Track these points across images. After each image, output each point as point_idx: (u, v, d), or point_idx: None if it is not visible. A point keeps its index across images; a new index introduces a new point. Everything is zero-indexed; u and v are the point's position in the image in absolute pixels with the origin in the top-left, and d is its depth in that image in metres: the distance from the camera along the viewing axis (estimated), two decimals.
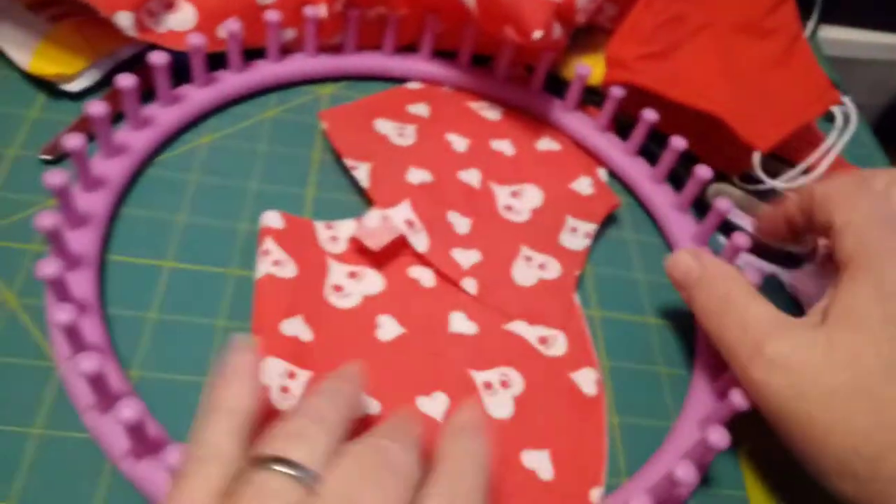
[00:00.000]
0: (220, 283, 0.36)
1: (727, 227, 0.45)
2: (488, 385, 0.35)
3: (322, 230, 0.38)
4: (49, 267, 0.28)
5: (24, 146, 0.38)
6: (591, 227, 0.41)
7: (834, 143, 0.47)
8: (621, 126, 0.48)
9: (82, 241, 0.33)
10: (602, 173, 0.46)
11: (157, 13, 0.40)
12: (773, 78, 0.47)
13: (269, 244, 0.36)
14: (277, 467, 0.22)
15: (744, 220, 0.46)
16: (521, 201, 0.42)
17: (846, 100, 0.55)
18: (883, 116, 0.85)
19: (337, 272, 0.37)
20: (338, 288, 0.36)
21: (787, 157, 0.48)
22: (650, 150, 0.48)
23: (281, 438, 0.23)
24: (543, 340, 0.37)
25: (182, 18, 0.41)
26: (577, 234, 0.41)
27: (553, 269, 0.39)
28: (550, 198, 0.42)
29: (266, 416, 0.30)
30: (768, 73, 0.47)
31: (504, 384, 0.35)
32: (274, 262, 0.35)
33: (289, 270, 0.35)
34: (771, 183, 0.44)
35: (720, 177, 0.47)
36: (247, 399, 0.25)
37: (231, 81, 0.43)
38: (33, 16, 0.41)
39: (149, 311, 0.34)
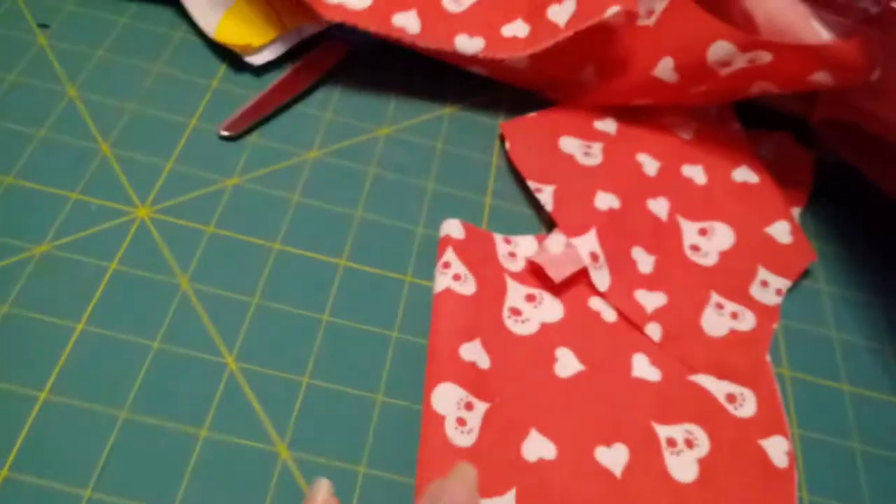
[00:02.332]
0: (398, 290, 0.33)
1: None
2: (672, 442, 0.32)
3: (501, 244, 0.36)
4: None
5: (203, 118, 0.37)
6: (783, 284, 0.37)
7: None
8: (825, 168, 0.43)
9: None
10: (794, 214, 0.42)
11: None
12: None
13: (449, 256, 0.34)
14: None
15: None
16: (709, 241, 0.38)
17: None
18: None
19: (515, 293, 0.34)
20: (515, 311, 0.34)
21: None
22: (848, 193, 0.44)
23: None
24: (732, 398, 0.33)
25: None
26: (767, 289, 0.37)
27: (747, 321, 0.36)
28: (742, 241, 0.38)
29: (441, 450, 0.28)
30: None
31: (689, 443, 0.32)
32: (454, 277, 0.33)
33: (468, 287, 0.33)
34: None
35: None
36: None
37: None
38: None
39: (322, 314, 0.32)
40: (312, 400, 0.29)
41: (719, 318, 0.35)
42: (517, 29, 0.40)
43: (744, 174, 0.41)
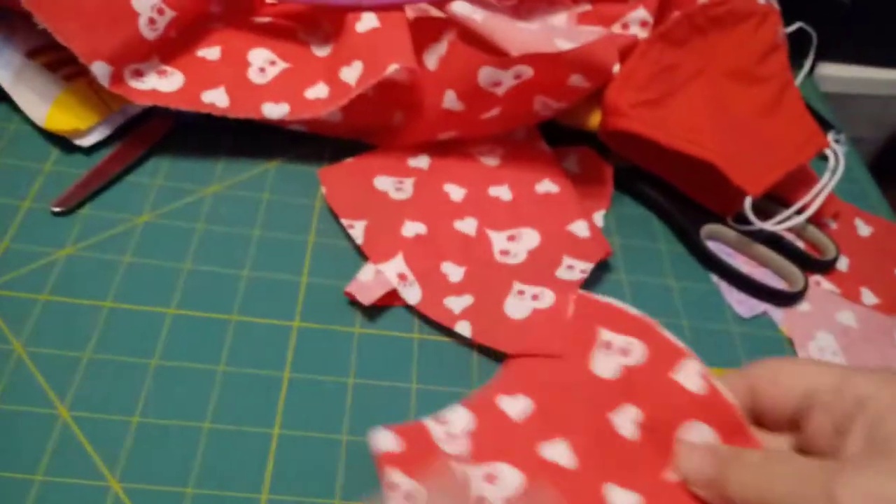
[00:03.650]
0: (224, 328, 0.37)
1: (720, 267, 0.46)
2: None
3: (436, 428, 0.33)
4: None
5: (36, 199, 0.40)
6: (586, 266, 0.42)
7: (826, 184, 0.48)
8: (618, 171, 0.49)
9: None
10: (598, 218, 0.47)
11: (144, 74, 0.42)
12: (764, 124, 0.48)
13: (394, 476, 0.30)
14: None
15: (737, 260, 0.47)
16: (517, 244, 0.43)
17: (840, 139, 0.56)
18: (883, 150, 0.85)
19: (475, 482, 0.31)
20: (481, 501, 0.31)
21: (780, 197, 0.49)
22: (644, 192, 0.49)
23: None
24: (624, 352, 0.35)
25: (168, 83, 0.43)
26: (572, 271, 0.41)
27: (547, 298, 0.40)
28: (547, 239, 0.43)
29: None
30: (759, 120, 0.48)
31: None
32: (406, 498, 0.30)
33: (422, 500, 0.30)
34: (762, 225, 0.45)
35: (715, 217, 0.48)
36: None
37: None
38: (50, 74, 0.43)
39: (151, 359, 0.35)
40: (143, 437, 0.33)
41: (521, 303, 0.39)
42: (318, 91, 0.44)
43: (546, 186, 0.46)
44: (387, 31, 0.44)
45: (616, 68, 0.42)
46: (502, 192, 0.46)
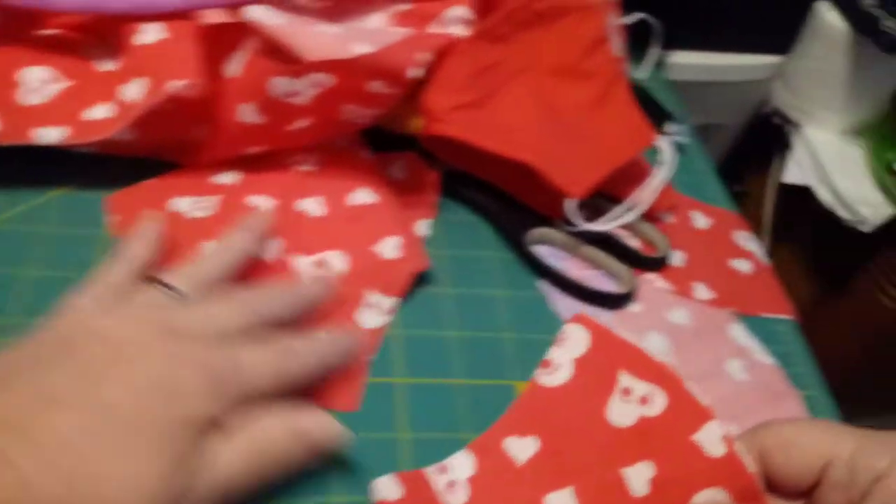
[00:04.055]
0: None
1: (546, 273, 0.44)
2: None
3: (437, 478, 0.33)
4: None
5: None
6: (390, 303, 0.39)
7: (657, 178, 0.47)
8: (446, 176, 0.47)
9: None
10: (423, 226, 0.45)
11: None
12: (589, 121, 0.47)
13: None
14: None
15: (569, 263, 0.46)
16: (326, 271, 0.40)
17: (681, 130, 0.56)
18: (743, 136, 0.86)
19: None
20: None
21: (613, 195, 0.47)
22: (472, 198, 0.47)
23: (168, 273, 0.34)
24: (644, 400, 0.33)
25: None
26: (375, 311, 0.39)
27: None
28: (355, 263, 0.40)
29: None
30: (585, 117, 0.47)
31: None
32: None
33: None
34: (585, 226, 0.44)
35: (544, 220, 0.46)
36: (146, 251, 0.35)
37: None
38: None
39: None
40: None
41: None
42: (103, 111, 0.41)
43: (362, 197, 0.44)
44: (173, 44, 0.40)
45: (412, 73, 0.39)
46: (312, 206, 0.43)
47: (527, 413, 0.33)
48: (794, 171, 0.80)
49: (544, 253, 0.46)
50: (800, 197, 0.80)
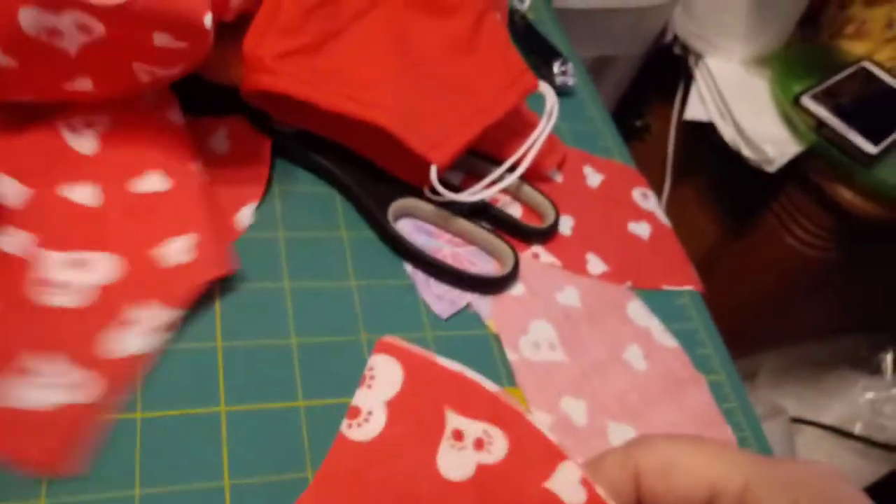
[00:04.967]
0: None
1: (410, 254, 0.37)
2: None
3: None
4: None
5: None
6: (164, 318, 0.30)
7: (539, 133, 0.40)
8: (284, 139, 0.38)
9: None
10: (245, 216, 0.35)
11: None
12: (455, 67, 0.39)
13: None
14: None
15: (439, 240, 0.38)
16: (84, 275, 0.30)
17: (566, 69, 0.48)
18: (639, 69, 0.80)
19: None
20: None
21: (488, 153, 0.40)
22: (319, 165, 0.39)
23: None
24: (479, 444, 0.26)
25: None
26: (140, 330, 0.30)
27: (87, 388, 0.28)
28: (125, 273, 0.31)
29: None
30: (450, 62, 0.39)
31: None
32: None
33: None
34: (453, 197, 0.36)
35: (409, 190, 0.38)
36: None
37: None
38: None
39: None
40: None
41: (34, 391, 0.27)
42: None
43: (152, 183, 0.34)
44: None
45: (208, 20, 0.30)
46: (82, 195, 0.33)
47: (338, 479, 0.25)
48: (697, 106, 0.75)
49: (410, 229, 0.38)
50: (703, 132, 0.75)
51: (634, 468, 0.24)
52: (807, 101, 0.70)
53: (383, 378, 0.25)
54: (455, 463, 0.24)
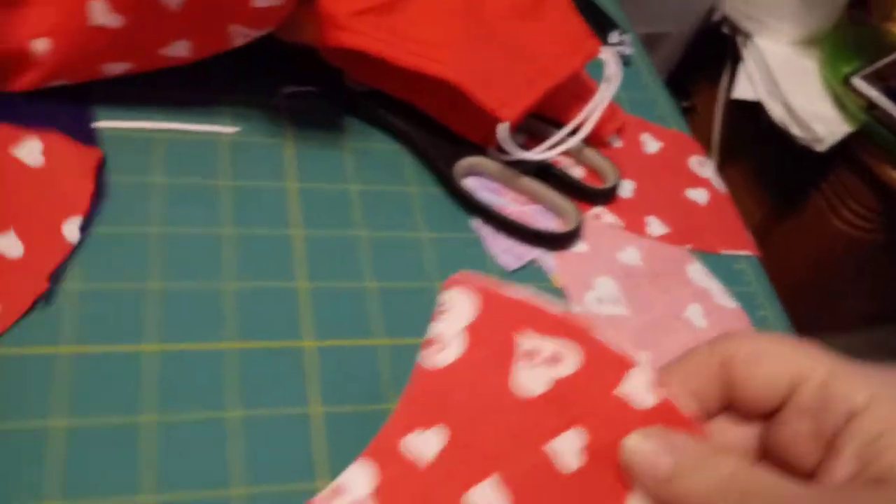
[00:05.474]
0: None
1: (479, 210, 0.38)
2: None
3: (332, 502, 0.25)
4: None
5: None
6: None
7: (601, 97, 0.41)
8: (357, 97, 0.39)
9: None
10: (72, 229, 0.31)
11: None
12: (522, 30, 0.40)
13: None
14: None
15: (504, 198, 0.39)
16: None
17: (624, 40, 0.49)
18: (687, 48, 0.80)
19: None
20: None
21: (553, 118, 0.41)
22: (389, 123, 0.40)
23: None
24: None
25: None
26: None
27: None
28: None
29: None
30: (516, 26, 0.40)
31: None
32: None
33: None
34: (521, 155, 0.37)
35: (475, 149, 0.39)
36: None
37: None
38: None
39: None
40: None
41: None
42: None
43: (33, 154, 0.32)
44: None
45: None
46: None
47: (421, 403, 0.26)
48: (745, 85, 0.75)
49: (476, 186, 0.39)
50: (750, 112, 0.75)
51: (721, 359, 0.25)
52: (857, 82, 0.69)
53: (455, 309, 0.26)
54: (530, 379, 0.26)
